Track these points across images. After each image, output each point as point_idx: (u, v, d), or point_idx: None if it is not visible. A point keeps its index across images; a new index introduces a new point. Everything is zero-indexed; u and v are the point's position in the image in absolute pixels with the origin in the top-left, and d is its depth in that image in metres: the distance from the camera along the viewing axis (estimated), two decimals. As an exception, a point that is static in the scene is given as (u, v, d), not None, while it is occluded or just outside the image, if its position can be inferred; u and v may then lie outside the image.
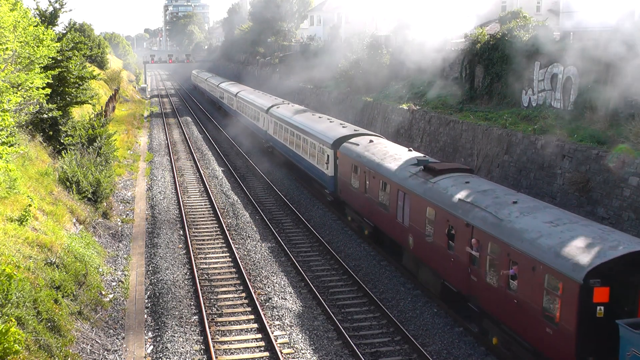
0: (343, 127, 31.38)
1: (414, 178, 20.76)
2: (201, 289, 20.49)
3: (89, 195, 26.03)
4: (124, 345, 16.62)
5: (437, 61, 39.23)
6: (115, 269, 21.61)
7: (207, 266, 22.84)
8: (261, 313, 18.56)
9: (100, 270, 20.42)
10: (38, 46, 23.29)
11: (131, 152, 43.97)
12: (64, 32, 32.56)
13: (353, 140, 27.58)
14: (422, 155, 24.32)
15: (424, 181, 20.08)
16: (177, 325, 18.05)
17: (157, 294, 20.21)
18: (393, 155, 23.89)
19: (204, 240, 25.88)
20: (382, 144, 26.30)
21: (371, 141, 26.58)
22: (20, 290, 13.70)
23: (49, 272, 16.65)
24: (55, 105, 28.05)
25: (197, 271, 22.06)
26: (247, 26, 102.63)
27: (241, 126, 54.12)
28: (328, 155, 28.89)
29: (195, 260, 23.16)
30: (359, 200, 25.31)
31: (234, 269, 22.51)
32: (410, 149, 25.38)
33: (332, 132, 30.33)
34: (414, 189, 20.34)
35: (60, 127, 29.96)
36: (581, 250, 13.49)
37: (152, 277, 21.68)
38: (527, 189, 24.59)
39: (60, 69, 28.19)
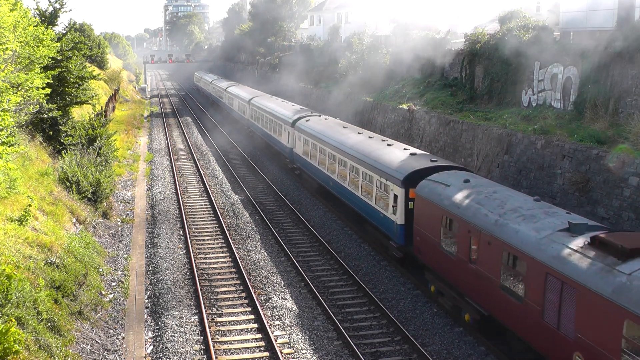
0: (411, 154, 23.43)
1: (580, 259, 12.97)
2: (201, 289, 20.49)
3: (89, 195, 26.03)
4: (124, 346, 16.62)
5: (437, 61, 39.28)
6: (115, 269, 21.61)
7: (207, 266, 22.84)
8: (261, 313, 18.56)
9: (100, 270, 20.42)
10: (38, 46, 23.29)
11: (131, 152, 43.98)
12: (64, 32, 32.55)
13: (437, 177, 19.85)
14: (566, 211, 16.26)
15: (606, 269, 12.24)
16: (177, 325, 18.06)
17: (157, 294, 20.22)
18: (516, 208, 16.03)
19: (203, 240, 25.88)
20: (487, 186, 18.43)
21: (467, 181, 18.64)
22: (20, 290, 13.70)
23: (49, 272, 16.65)
24: (55, 105, 28.05)
25: (197, 271, 22.07)
26: (247, 26, 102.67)
27: (256, 138, 49.05)
28: (395, 196, 21.44)
29: (195, 260, 23.17)
30: (457, 271, 17.48)
31: (234, 269, 22.52)
32: (537, 198, 17.14)
33: (400, 162, 22.56)
34: (584, 280, 12.50)
35: (60, 127, 29.96)
36: None
37: (152, 277, 21.69)
38: (527, 189, 24.58)
39: (60, 69, 28.20)
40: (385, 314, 18.63)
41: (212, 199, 31.79)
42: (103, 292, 19.09)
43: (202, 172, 38.66)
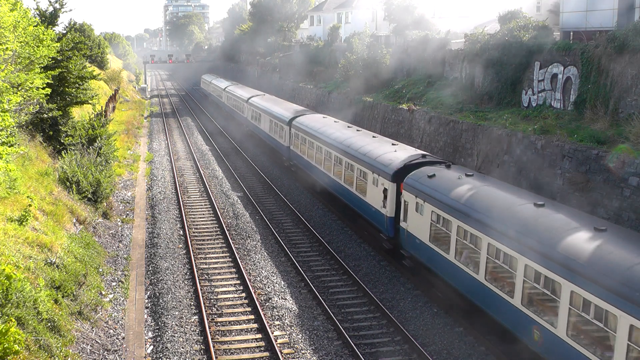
0: None
1: None
2: (201, 289, 20.50)
3: (89, 195, 26.03)
4: (124, 345, 16.62)
5: (437, 61, 39.29)
6: (115, 269, 21.61)
7: (207, 266, 22.84)
8: (261, 313, 18.56)
9: (100, 270, 20.42)
10: (38, 46, 23.29)
11: (131, 152, 43.97)
12: (64, 32, 32.55)
13: None
14: None
15: None
16: (177, 325, 18.06)
17: (157, 294, 20.22)
18: None
19: (204, 240, 25.88)
20: None
21: None
22: (20, 290, 13.69)
23: (49, 272, 16.65)
24: (55, 105, 28.05)
25: (197, 271, 22.07)
26: (247, 26, 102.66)
27: (302, 175, 34.72)
28: None
29: (195, 260, 23.17)
30: None
31: (234, 269, 22.52)
32: None
33: None
34: None
35: (60, 127, 29.97)
36: None
37: (152, 277, 21.69)
38: (527, 189, 24.58)
39: (60, 69, 28.19)
40: (385, 314, 18.63)
41: (212, 198, 31.78)
42: (103, 292, 19.08)
43: (202, 172, 38.63)
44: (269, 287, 20.88)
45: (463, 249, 17.34)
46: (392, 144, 25.67)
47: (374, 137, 27.81)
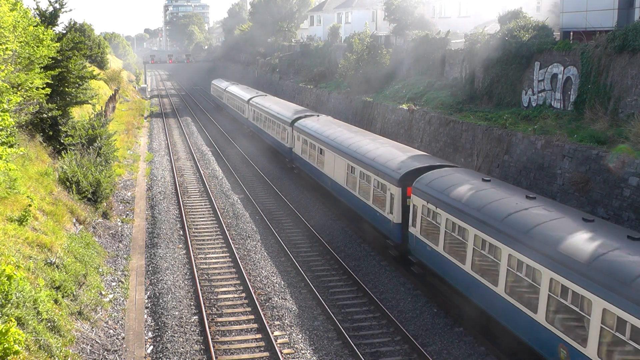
0: None
1: None
2: (201, 289, 20.49)
3: (89, 196, 26.01)
4: (124, 345, 16.62)
5: (437, 61, 39.28)
6: (115, 269, 21.61)
7: (207, 266, 22.84)
8: (261, 313, 18.56)
9: (100, 270, 20.42)
10: (38, 46, 23.27)
11: (131, 152, 43.97)
12: (64, 32, 32.51)
13: None
14: None
15: None
16: (177, 325, 18.05)
17: (157, 294, 20.22)
18: None
19: (204, 240, 25.88)
20: None
21: None
22: (20, 290, 13.68)
23: (49, 272, 16.64)
24: (55, 105, 28.03)
25: (197, 271, 22.07)
26: (247, 26, 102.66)
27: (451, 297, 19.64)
28: None
29: (195, 260, 23.17)
30: None
31: (233, 269, 22.51)
32: None
33: None
34: None
35: (60, 127, 29.94)
36: None
37: (152, 277, 21.69)
38: (527, 189, 24.57)
39: (60, 69, 28.16)
40: (385, 314, 18.63)
41: (212, 198, 31.76)
42: (103, 292, 19.08)
43: (202, 172, 38.63)
44: (269, 287, 20.88)
45: None
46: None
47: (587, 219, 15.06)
